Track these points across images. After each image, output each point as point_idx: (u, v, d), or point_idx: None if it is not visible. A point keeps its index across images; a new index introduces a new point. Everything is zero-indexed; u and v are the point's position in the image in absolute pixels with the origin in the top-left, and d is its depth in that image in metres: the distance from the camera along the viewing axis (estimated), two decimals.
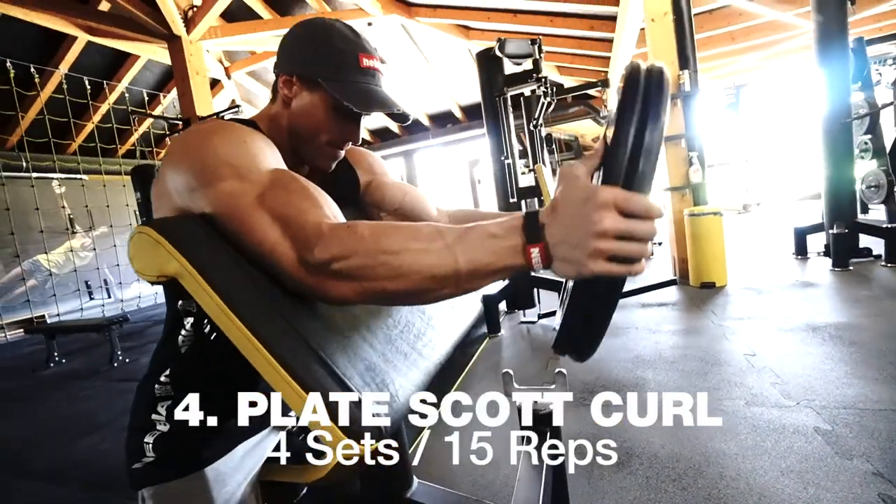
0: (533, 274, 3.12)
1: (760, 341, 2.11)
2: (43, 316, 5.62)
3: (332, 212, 0.51)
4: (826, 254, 3.46)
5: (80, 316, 5.43)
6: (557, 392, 1.03)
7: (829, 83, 3.43)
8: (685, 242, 3.37)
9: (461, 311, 0.84)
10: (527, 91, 3.00)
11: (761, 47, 6.31)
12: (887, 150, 3.73)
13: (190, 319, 0.65)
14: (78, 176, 6.58)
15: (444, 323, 0.73)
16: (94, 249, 6.54)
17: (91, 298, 6.80)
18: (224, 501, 0.65)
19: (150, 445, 0.65)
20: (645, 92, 0.38)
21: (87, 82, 5.73)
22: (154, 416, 0.66)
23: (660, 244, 5.23)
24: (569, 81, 7.76)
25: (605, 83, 6.03)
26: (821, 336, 2.06)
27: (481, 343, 2.70)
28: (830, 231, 3.31)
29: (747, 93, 8.60)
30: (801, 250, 3.76)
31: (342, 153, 0.72)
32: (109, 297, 7.06)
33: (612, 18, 5.22)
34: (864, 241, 3.30)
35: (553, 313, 3.01)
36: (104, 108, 6.61)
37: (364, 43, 0.66)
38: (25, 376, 3.43)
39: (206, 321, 0.64)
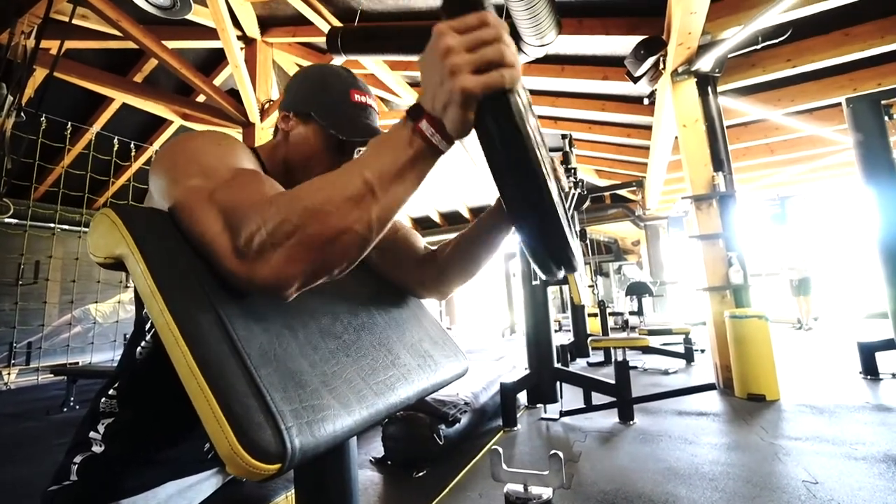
0: (556, 366, 2.91)
1: (824, 468, 1.77)
2: (77, 362, 5.80)
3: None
4: None
5: (110, 366, 5.55)
6: (551, 477, 0.89)
7: (880, 199, 3.31)
8: (727, 348, 3.08)
9: (438, 365, 0.77)
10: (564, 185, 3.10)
11: (803, 160, 6.35)
12: None
13: (153, 329, 0.64)
14: None
15: (414, 367, 0.66)
16: None
17: None
18: None
19: (77, 467, 0.59)
20: None
21: None
22: (92, 434, 0.62)
23: (702, 351, 4.82)
24: (606, 185, 8.01)
25: (639, 183, 6.19)
26: None
27: (494, 435, 2.45)
28: None
29: (794, 204, 8.46)
30: (871, 370, 3.31)
31: None
32: None
33: (648, 127, 5.51)
34: None
35: (578, 411, 2.72)
36: None
37: (357, 82, 0.71)
38: (38, 419, 3.43)
39: None
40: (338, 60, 4.87)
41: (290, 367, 0.45)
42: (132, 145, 6.40)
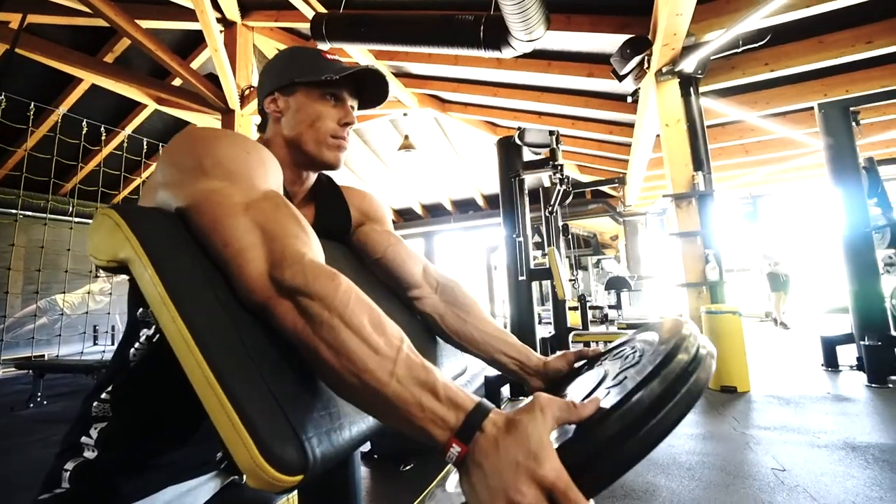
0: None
1: (790, 456, 1.87)
2: (43, 355, 5.57)
3: (316, 249, 0.50)
4: (859, 367, 3.20)
5: (80, 359, 5.35)
6: None
7: (846, 200, 3.47)
8: None
9: (442, 363, 0.78)
10: (546, 181, 3.12)
11: (775, 161, 6.58)
12: None
13: (147, 331, 0.62)
14: None
15: None
16: (111, 294, 6.67)
17: (95, 343, 6.78)
18: None
19: (69, 474, 0.57)
20: (685, 397, 0.35)
21: (144, 143, 6.33)
22: (84, 440, 0.59)
23: None
24: (588, 180, 8.13)
25: (620, 180, 6.30)
26: (863, 457, 1.81)
27: None
28: (862, 343, 3.10)
29: (765, 203, 8.78)
30: (831, 362, 3.50)
31: (346, 143, 0.73)
32: (112, 344, 7.03)
33: (630, 125, 5.60)
34: None
35: None
36: (154, 166, 7.24)
37: (323, 51, 0.72)
38: (3, 415, 3.29)
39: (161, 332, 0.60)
40: (322, 47, 4.76)
41: (304, 374, 0.44)
42: (102, 129, 6.10)
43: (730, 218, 8.96)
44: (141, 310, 0.61)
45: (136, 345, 0.61)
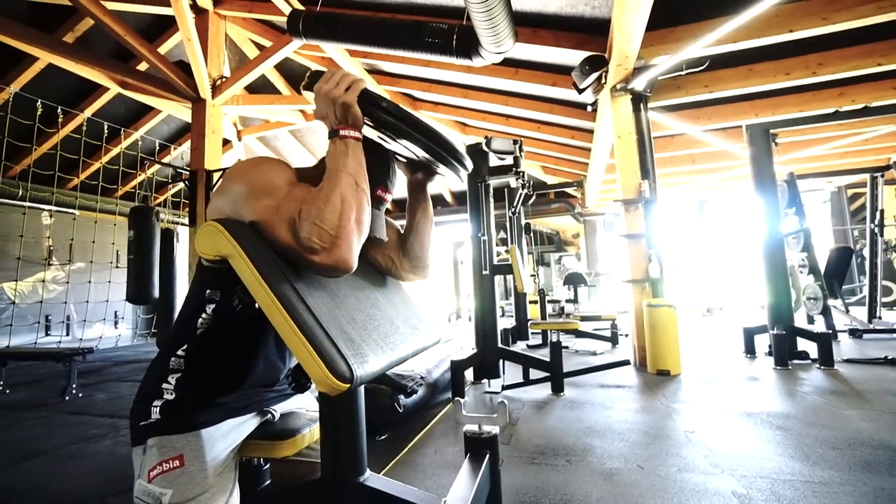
0: (500, 346, 3.28)
1: (701, 421, 2.27)
2: None
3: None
4: (770, 353, 3.74)
5: (35, 347, 5.19)
6: (499, 419, 1.21)
7: (765, 207, 4.00)
8: (644, 332, 3.62)
9: (423, 334, 1.03)
10: (513, 183, 3.41)
11: (718, 170, 7.23)
12: (820, 268, 4.24)
13: (212, 306, 0.84)
14: (71, 210, 6.71)
15: (408, 334, 0.92)
16: (67, 283, 6.46)
17: (48, 334, 6.53)
18: (212, 459, 0.78)
19: (157, 409, 0.79)
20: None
21: (105, 127, 6.13)
22: (164, 385, 0.81)
23: (626, 335, 5.48)
24: (552, 180, 8.56)
25: (579, 184, 6.72)
26: (754, 421, 2.24)
27: (445, 406, 2.77)
28: (772, 332, 3.62)
29: (709, 208, 9.57)
30: (750, 349, 4.04)
31: None
32: (68, 334, 6.78)
33: (590, 131, 6.02)
34: (804, 345, 3.62)
35: (517, 385, 3.12)
36: (115, 151, 7.00)
37: (386, 175, 0.90)
38: None
39: (224, 307, 0.82)
40: (297, 43, 4.82)
41: (344, 329, 0.69)
42: (59, 110, 5.87)
43: (679, 220, 9.71)
44: (209, 290, 0.84)
45: (203, 316, 0.84)
